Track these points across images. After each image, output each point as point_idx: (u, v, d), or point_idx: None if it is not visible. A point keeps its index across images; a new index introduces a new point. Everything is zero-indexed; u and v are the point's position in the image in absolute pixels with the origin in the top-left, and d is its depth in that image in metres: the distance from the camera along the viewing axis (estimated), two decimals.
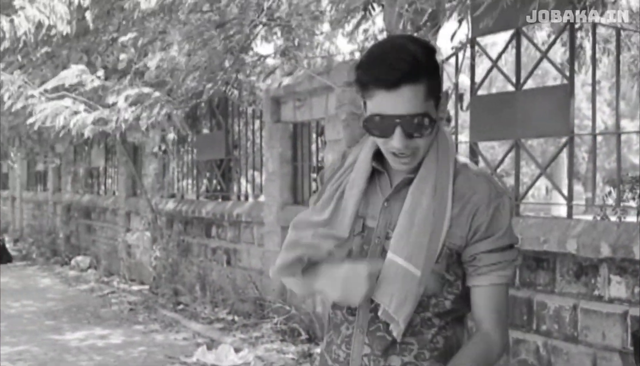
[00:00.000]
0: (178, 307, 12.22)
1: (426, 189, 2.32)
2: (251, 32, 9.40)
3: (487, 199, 2.33)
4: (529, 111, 6.75)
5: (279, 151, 10.45)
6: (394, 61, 2.20)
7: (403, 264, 2.27)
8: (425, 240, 2.28)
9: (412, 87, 2.19)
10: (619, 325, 5.65)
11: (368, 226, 2.40)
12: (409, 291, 2.27)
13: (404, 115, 2.20)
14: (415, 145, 2.26)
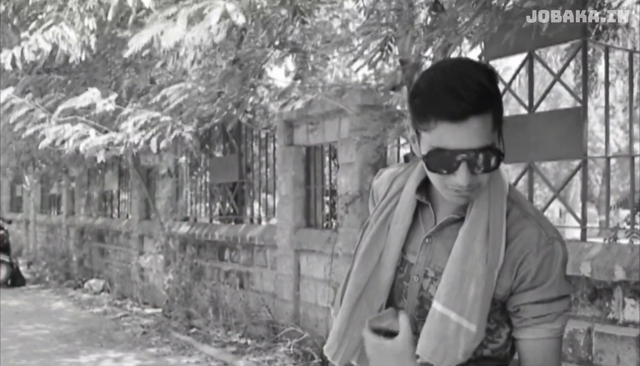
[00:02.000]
0: (191, 330, 12.21)
1: (478, 233, 2.13)
2: (263, 57, 9.43)
3: (535, 247, 2.14)
4: (542, 134, 6.75)
5: (292, 174, 10.46)
6: (462, 90, 2.00)
7: (456, 320, 2.09)
8: (479, 291, 2.11)
9: (479, 119, 2.00)
10: (634, 348, 5.63)
11: (408, 261, 2.24)
12: (463, 348, 2.10)
13: (471, 149, 2.01)
14: (478, 181, 2.07)
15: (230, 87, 9.21)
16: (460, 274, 2.12)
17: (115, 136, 10.02)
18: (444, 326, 2.10)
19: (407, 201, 2.26)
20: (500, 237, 2.13)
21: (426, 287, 2.21)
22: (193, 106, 9.94)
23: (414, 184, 2.26)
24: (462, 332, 2.09)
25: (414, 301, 2.23)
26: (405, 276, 2.25)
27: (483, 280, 2.11)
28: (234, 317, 11.69)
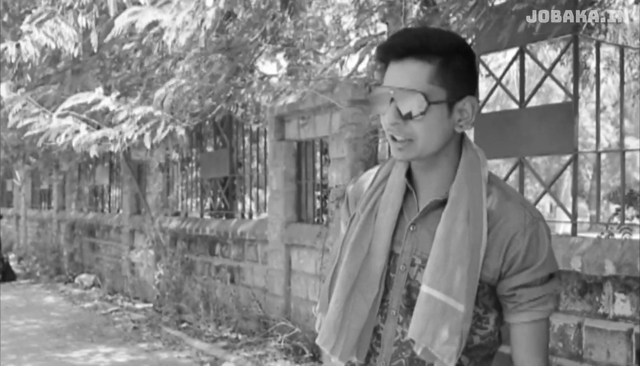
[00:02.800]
0: (182, 325, 12.21)
1: (459, 214, 2.14)
2: (255, 51, 9.42)
3: (522, 227, 2.16)
4: (533, 129, 6.76)
5: (283, 169, 10.46)
6: (405, 32, 2.17)
7: (442, 299, 2.09)
8: (464, 271, 2.10)
9: (417, 62, 2.09)
10: (624, 343, 5.64)
11: (394, 253, 2.22)
12: (452, 328, 2.08)
13: (400, 88, 2.10)
14: (410, 130, 2.11)
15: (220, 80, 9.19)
16: (444, 255, 2.12)
17: (109, 132, 10.00)
18: (430, 306, 2.10)
19: (396, 185, 2.25)
20: (480, 217, 2.15)
21: (413, 275, 2.20)
22: (185, 101, 9.92)
23: (402, 168, 2.27)
24: (449, 311, 2.09)
25: (400, 290, 2.21)
26: (391, 267, 2.23)
27: (467, 259, 2.12)
28: (224, 312, 11.69)
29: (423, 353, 2.12)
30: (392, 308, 2.22)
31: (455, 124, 2.17)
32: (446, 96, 2.12)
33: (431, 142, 2.14)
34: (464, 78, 2.16)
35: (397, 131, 2.13)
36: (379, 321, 2.24)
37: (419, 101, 2.08)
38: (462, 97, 2.15)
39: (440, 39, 2.14)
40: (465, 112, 2.17)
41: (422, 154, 2.15)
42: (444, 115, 2.13)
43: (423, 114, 2.09)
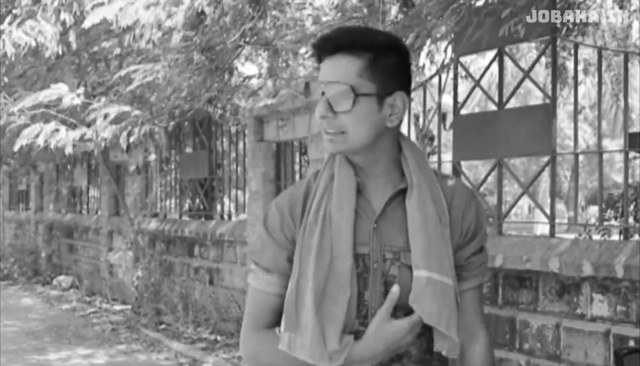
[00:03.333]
0: (160, 327, 12.17)
1: (426, 197, 2.23)
2: (234, 52, 9.40)
3: (470, 201, 2.33)
4: (511, 130, 6.78)
5: (262, 170, 10.45)
6: (337, 30, 2.21)
7: (439, 279, 2.17)
8: (445, 248, 2.22)
9: (347, 56, 2.15)
10: (602, 343, 5.67)
11: (360, 254, 2.22)
12: (451, 304, 2.18)
13: (330, 82, 2.16)
14: (339, 123, 2.16)
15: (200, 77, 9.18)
16: (427, 237, 2.19)
17: (86, 131, 9.96)
18: (432, 289, 2.16)
19: (345, 185, 2.24)
20: (440, 196, 2.27)
21: (387, 270, 2.22)
22: (163, 101, 9.90)
23: (348, 169, 2.27)
24: (446, 288, 2.18)
25: (378, 288, 2.22)
26: (363, 269, 2.22)
27: (442, 238, 2.22)
28: (203, 313, 11.67)
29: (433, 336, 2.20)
30: (372, 307, 2.21)
31: (387, 119, 2.20)
32: (375, 89, 2.16)
33: (361, 134, 2.17)
34: (394, 74, 2.20)
35: (328, 124, 2.19)
36: (357, 325, 2.22)
37: (347, 93, 2.13)
38: (393, 92, 2.19)
39: (371, 36, 2.19)
40: (396, 107, 2.21)
41: (352, 146, 2.19)
42: (373, 109, 2.17)
43: (351, 106, 2.14)
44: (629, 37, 11.43)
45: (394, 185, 2.27)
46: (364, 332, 2.20)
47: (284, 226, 2.30)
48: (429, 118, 8.52)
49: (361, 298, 2.22)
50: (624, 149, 6.12)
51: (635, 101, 22.82)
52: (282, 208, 2.32)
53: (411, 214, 2.22)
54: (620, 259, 5.48)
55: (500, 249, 6.47)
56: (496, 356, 6.43)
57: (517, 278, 6.38)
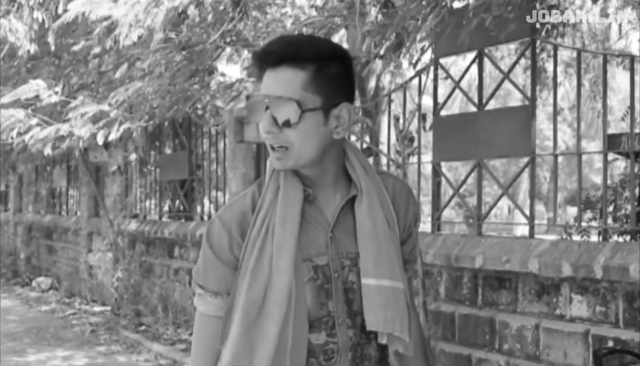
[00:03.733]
0: (140, 328, 12.14)
1: (374, 202, 2.22)
2: (214, 53, 9.38)
3: (407, 195, 2.35)
4: (491, 132, 6.80)
5: (242, 171, 10.43)
6: (278, 40, 2.15)
7: (390, 285, 2.18)
8: (394, 252, 2.22)
9: (290, 69, 2.09)
10: (581, 343, 5.69)
11: (318, 265, 2.19)
12: (403, 307, 2.20)
13: (274, 96, 2.10)
14: (285, 138, 2.12)
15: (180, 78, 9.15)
16: (377, 243, 2.19)
17: (61, 127, 9.89)
18: (383, 296, 2.17)
19: (290, 198, 2.19)
20: (387, 198, 2.28)
21: (346, 278, 2.22)
22: (143, 102, 9.86)
23: (295, 182, 2.22)
24: (397, 293, 2.19)
25: (340, 297, 2.21)
26: (323, 280, 2.20)
27: (392, 241, 2.23)
28: (183, 315, 11.64)
29: (388, 339, 2.20)
30: (338, 317, 2.21)
31: (333, 131, 2.17)
32: (321, 102, 2.12)
33: (307, 149, 2.14)
34: (339, 85, 2.16)
35: (273, 139, 2.13)
36: (325, 336, 2.20)
37: (293, 108, 2.09)
38: (338, 104, 2.16)
39: (314, 46, 2.14)
40: (341, 118, 2.17)
41: (300, 162, 2.16)
42: (319, 122, 2.13)
43: (297, 121, 2.10)
44: (608, 39, 11.50)
45: (343, 192, 2.26)
46: (333, 343, 2.20)
47: (232, 245, 2.22)
48: (409, 119, 8.52)
49: (325, 309, 2.20)
50: (603, 151, 6.15)
51: (614, 102, 22.94)
52: (229, 226, 2.22)
53: (361, 221, 2.22)
54: (599, 260, 5.51)
55: (479, 250, 6.49)
56: (476, 357, 6.48)
57: (496, 279, 6.40)
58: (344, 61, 2.18)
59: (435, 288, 6.89)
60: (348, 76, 2.20)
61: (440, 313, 6.85)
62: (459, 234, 7.34)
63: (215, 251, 2.23)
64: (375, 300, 2.17)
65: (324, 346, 2.20)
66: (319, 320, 2.19)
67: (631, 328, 5.37)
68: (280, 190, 2.21)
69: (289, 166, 2.16)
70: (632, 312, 5.37)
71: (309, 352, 2.18)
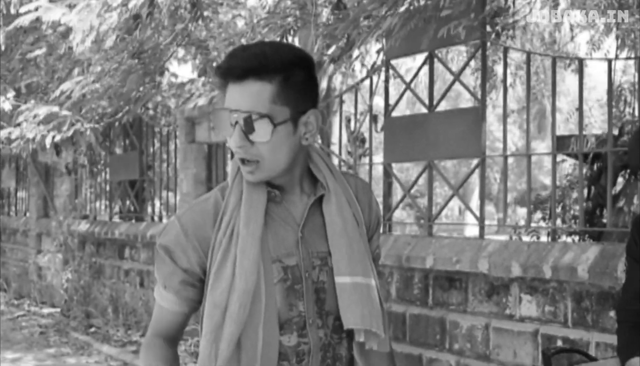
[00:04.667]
0: (90, 330, 12.04)
1: (342, 201, 2.24)
2: (166, 54, 9.34)
3: (369, 194, 2.39)
4: (441, 133, 6.84)
5: (194, 172, 10.40)
6: (241, 52, 2.11)
7: (365, 282, 2.20)
8: (364, 249, 2.25)
9: (257, 83, 2.07)
10: (530, 343, 5.74)
11: (289, 266, 2.19)
12: (377, 304, 2.22)
13: (243, 111, 2.09)
14: (257, 152, 2.12)
15: (131, 83, 9.10)
16: (348, 241, 2.22)
17: (12, 131, 9.81)
18: (359, 293, 2.19)
19: (254, 200, 2.19)
20: (353, 197, 2.31)
21: (317, 277, 2.22)
22: (94, 101, 9.79)
23: (257, 183, 2.21)
24: (371, 290, 2.22)
25: (311, 297, 2.21)
26: (293, 280, 2.20)
27: (361, 239, 2.26)
28: (134, 316, 11.57)
29: (365, 336, 2.22)
30: (309, 317, 2.21)
31: (302, 138, 2.18)
32: (290, 113, 2.12)
33: (279, 160, 2.15)
34: (305, 92, 2.16)
35: (245, 153, 2.13)
36: (297, 337, 2.20)
37: (264, 124, 2.08)
38: (306, 111, 2.16)
39: (279, 56, 2.11)
40: (310, 124, 2.18)
41: (272, 173, 2.16)
42: (289, 132, 2.14)
43: (270, 137, 2.09)
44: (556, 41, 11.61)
45: (310, 193, 2.27)
46: (304, 344, 2.20)
47: (187, 247, 2.21)
48: (360, 120, 8.55)
49: (295, 310, 2.20)
50: (552, 152, 6.21)
51: (563, 104, 23.19)
52: (187, 228, 2.22)
53: (331, 219, 2.23)
54: (548, 260, 5.56)
55: (430, 251, 6.52)
56: (427, 357, 6.51)
57: (447, 279, 6.44)
58: (308, 67, 2.17)
59: (386, 289, 6.92)
60: (313, 81, 2.19)
61: (392, 313, 6.88)
62: (409, 234, 7.37)
63: (168, 250, 2.23)
64: (351, 298, 2.18)
65: (296, 347, 2.20)
66: (290, 321, 2.19)
67: (580, 328, 5.43)
68: (244, 193, 2.20)
69: (262, 178, 2.17)
70: (580, 312, 5.43)
71: (281, 355, 2.18)
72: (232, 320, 2.12)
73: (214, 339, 2.15)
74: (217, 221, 2.20)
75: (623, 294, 3.43)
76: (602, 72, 11.11)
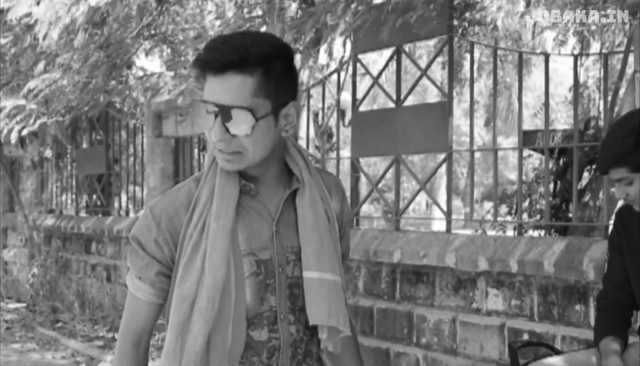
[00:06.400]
0: (56, 325, 11.97)
1: (315, 196, 2.23)
2: (132, 46, 9.29)
3: (340, 190, 2.38)
4: (408, 128, 6.86)
5: (161, 166, 10.36)
6: (221, 44, 2.06)
7: (332, 278, 2.18)
8: (332, 246, 2.22)
9: (238, 76, 2.04)
10: (497, 336, 5.78)
11: (262, 260, 2.17)
12: (343, 301, 2.21)
13: (224, 105, 2.05)
14: (238, 144, 2.09)
15: (98, 76, 9.05)
16: (319, 237, 2.20)
17: None
18: (327, 289, 2.17)
19: (226, 193, 2.17)
20: (325, 192, 2.29)
21: (291, 272, 2.21)
22: (60, 95, 9.72)
23: (231, 176, 2.20)
24: (338, 287, 2.20)
25: (284, 292, 2.19)
26: (266, 274, 2.18)
27: (332, 235, 2.24)
28: (100, 311, 11.52)
29: (329, 333, 2.19)
30: (280, 312, 2.19)
31: (282, 130, 2.16)
32: (271, 106, 2.10)
33: (260, 152, 2.13)
34: (285, 84, 2.13)
35: (226, 145, 2.10)
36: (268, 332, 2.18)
37: (246, 117, 2.05)
38: (286, 103, 2.14)
39: (259, 48, 2.07)
40: (290, 116, 2.16)
41: (252, 164, 2.14)
42: (270, 125, 2.11)
43: (251, 130, 2.07)
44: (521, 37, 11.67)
45: (284, 186, 2.25)
46: (275, 339, 2.18)
47: (159, 238, 2.19)
48: (328, 115, 8.56)
49: (266, 305, 2.18)
50: (518, 147, 6.25)
51: (530, 99, 23.32)
52: (159, 219, 2.19)
53: (303, 213, 2.21)
54: (514, 254, 5.60)
55: (397, 245, 6.54)
56: (394, 351, 6.53)
57: (414, 273, 6.47)
58: (287, 58, 2.15)
59: (354, 283, 6.93)
60: (292, 73, 2.17)
61: (359, 307, 6.90)
62: (377, 229, 7.38)
63: (141, 240, 2.21)
64: (318, 294, 2.16)
65: (267, 343, 2.18)
66: (260, 316, 2.17)
67: (545, 321, 5.48)
68: (216, 185, 2.18)
69: (240, 168, 2.14)
70: (546, 305, 5.47)
71: (252, 350, 2.17)
72: (200, 315, 2.10)
73: (180, 333, 2.13)
74: (189, 212, 2.18)
75: (604, 283, 3.51)
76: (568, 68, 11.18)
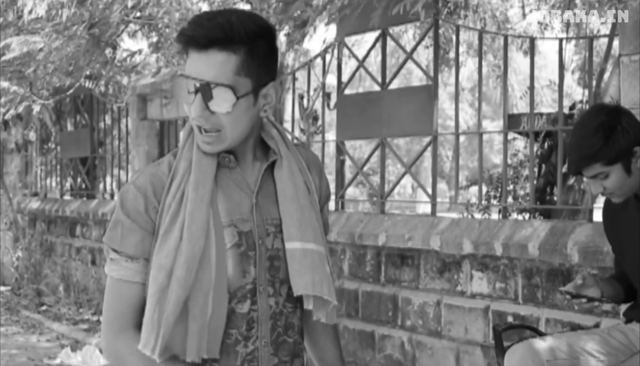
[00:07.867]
0: (41, 308, 11.95)
1: (294, 167, 2.24)
2: (117, 28, 9.25)
3: (318, 165, 2.38)
4: (394, 111, 6.86)
5: (145, 149, 10.34)
6: (207, 21, 2.06)
7: (315, 248, 2.18)
8: (316, 216, 2.24)
9: (222, 53, 2.05)
10: (481, 319, 5.81)
11: (243, 231, 2.17)
12: (327, 271, 2.20)
13: (205, 81, 2.05)
14: (217, 121, 2.09)
15: (83, 55, 9.00)
16: (299, 207, 2.21)
17: None
18: (310, 259, 2.17)
19: (203, 164, 2.16)
20: (304, 165, 2.30)
21: (271, 245, 2.21)
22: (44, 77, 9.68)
23: None
24: (322, 257, 2.20)
25: (264, 264, 2.19)
26: (247, 246, 2.17)
27: (312, 206, 2.25)
28: (85, 294, 11.51)
29: (314, 303, 2.19)
30: (260, 284, 2.18)
31: (260, 110, 2.17)
32: (252, 86, 2.11)
33: (238, 131, 2.13)
34: (267, 64, 2.15)
35: (205, 122, 2.09)
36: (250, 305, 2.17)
37: (227, 95, 2.06)
38: (267, 83, 2.15)
39: (244, 27, 2.08)
40: (269, 96, 2.17)
41: (231, 144, 2.15)
42: (250, 104, 2.12)
43: (232, 108, 2.08)
44: (508, 20, 11.69)
45: (262, 159, 2.25)
46: (255, 311, 2.18)
47: (148, 208, 2.16)
48: (313, 98, 8.55)
49: (248, 277, 2.17)
50: (503, 130, 6.26)
51: (515, 82, 23.35)
52: (145, 189, 2.17)
53: (282, 185, 2.22)
54: (499, 237, 5.62)
55: (383, 228, 6.56)
56: (379, 333, 6.56)
57: (399, 256, 6.48)
58: (270, 38, 2.16)
59: (339, 266, 6.94)
60: (274, 54, 2.18)
61: (344, 290, 6.91)
62: (362, 212, 7.40)
63: (131, 215, 2.17)
64: (301, 264, 2.17)
65: (246, 315, 2.17)
66: (243, 288, 2.16)
67: (530, 304, 5.50)
68: (194, 157, 2.17)
69: (220, 149, 2.14)
70: (530, 288, 5.50)
71: (231, 323, 2.15)
72: (178, 284, 2.08)
73: (158, 301, 2.09)
74: (167, 183, 2.17)
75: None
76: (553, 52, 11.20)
